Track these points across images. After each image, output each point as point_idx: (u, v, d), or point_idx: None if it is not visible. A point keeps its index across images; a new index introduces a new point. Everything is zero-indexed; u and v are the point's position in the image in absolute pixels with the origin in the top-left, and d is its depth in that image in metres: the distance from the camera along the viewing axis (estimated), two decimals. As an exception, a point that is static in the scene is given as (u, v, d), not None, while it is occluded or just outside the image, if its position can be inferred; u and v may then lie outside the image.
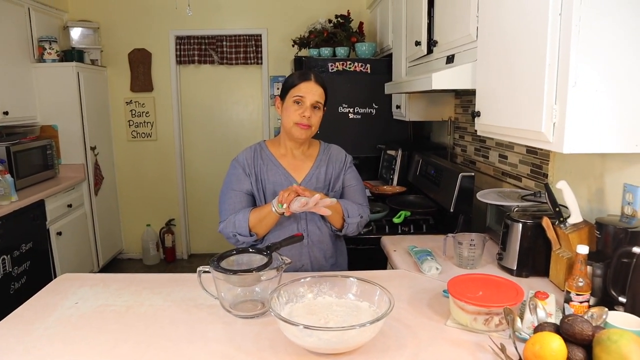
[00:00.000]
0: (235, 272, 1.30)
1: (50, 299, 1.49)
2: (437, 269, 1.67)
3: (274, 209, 1.59)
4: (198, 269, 1.40)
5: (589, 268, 1.31)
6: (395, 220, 2.30)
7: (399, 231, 2.26)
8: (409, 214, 2.37)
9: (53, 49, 3.86)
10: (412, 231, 2.27)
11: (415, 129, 3.59)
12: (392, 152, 3.18)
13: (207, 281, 1.40)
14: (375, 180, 3.37)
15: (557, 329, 1.07)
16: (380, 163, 3.44)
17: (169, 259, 4.75)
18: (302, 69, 3.39)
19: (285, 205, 1.54)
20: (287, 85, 1.73)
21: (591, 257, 1.32)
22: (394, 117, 3.36)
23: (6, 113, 3.41)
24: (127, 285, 1.58)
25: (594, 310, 1.15)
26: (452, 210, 2.19)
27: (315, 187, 1.76)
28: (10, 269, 3.03)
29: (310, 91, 1.68)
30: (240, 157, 1.79)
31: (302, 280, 1.32)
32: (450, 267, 1.74)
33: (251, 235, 1.67)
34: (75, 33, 4.22)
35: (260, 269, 1.30)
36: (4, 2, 3.43)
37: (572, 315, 1.08)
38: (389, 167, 3.19)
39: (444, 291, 1.47)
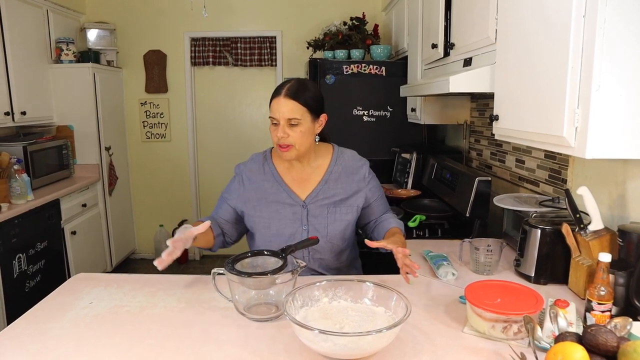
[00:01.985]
0: (250, 274, 1.29)
1: (64, 298, 1.49)
2: (453, 274, 1.64)
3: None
4: (212, 270, 1.40)
5: (611, 276, 1.28)
6: (410, 224, 2.28)
7: (414, 235, 2.23)
8: (424, 218, 2.34)
9: (70, 50, 3.91)
10: (427, 235, 2.24)
11: (429, 132, 3.57)
12: (407, 156, 3.16)
13: (221, 283, 1.39)
14: (390, 184, 3.35)
15: (580, 339, 1.04)
16: (395, 166, 3.41)
17: (181, 259, 4.77)
18: (316, 71, 3.38)
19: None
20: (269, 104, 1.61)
21: (613, 266, 1.29)
22: (409, 120, 3.33)
23: (24, 113, 3.45)
24: (141, 286, 1.58)
25: (618, 320, 1.11)
26: (468, 214, 2.16)
27: (322, 204, 1.66)
28: (26, 267, 3.06)
29: (279, 109, 1.54)
30: (242, 165, 1.74)
31: (318, 283, 1.30)
32: (466, 272, 1.71)
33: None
34: (92, 34, 4.26)
35: (275, 272, 1.29)
36: (23, 4, 3.48)
37: (596, 325, 1.05)
38: (404, 170, 3.16)
39: (461, 297, 1.45)
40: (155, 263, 1.35)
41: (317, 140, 1.68)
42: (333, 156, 1.74)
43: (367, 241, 1.50)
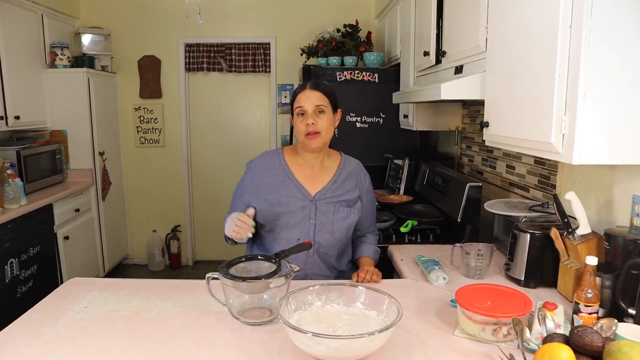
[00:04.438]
0: (244, 279, 1.31)
1: (59, 303, 1.50)
2: (445, 278, 1.66)
3: (229, 235, 1.62)
4: (207, 275, 1.41)
5: (597, 279, 1.31)
6: (402, 229, 2.31)
7: (406, 240, 2.25)
8: (416, 223, 2.37)
9: (64, 54, 3.91)
10: (419, 240, 2.26)
11: (422, 138, 3.60)
12: (399, 162, 3.18)
13: (215, 288, 1.41)
14: (382, 189, 3.38)
15: (567, 340, 1.06)
16: (387, 172, 3.44)
17: (175, 265, 4.77)
18: (309, 78, 3.41)
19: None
20: (292, 102, 1.76)
21: (600, 269, 1.31)
22: (401, 127, 3.36)
23: (17, 117, 3.45)
24: (136, 291, 1.59)
25: (604, 321, 1.14)
26: (459, 220, 2.19)
27: (329, 201, 1.74)
28: (18, 272, 3.05)
29: (308, 98, 1.69)
30: (253, 162, 1.81)
31: (311, 288, 1.32)
32: (457, 276, 1.73)
33: (228, 242, 1.73)
34: (87, 39, 4.27)
35: (269, 276, 1.31)
36: (18, 8, 3.49)
37: (582, 326, 1.08)
38: (396, 176, 3.19)
39: (452, 301, 1.47)
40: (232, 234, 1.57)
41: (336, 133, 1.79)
42: (342, 160, 1.84)
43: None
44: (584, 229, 1.48)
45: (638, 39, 1.18)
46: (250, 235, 1.57)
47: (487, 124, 1.72)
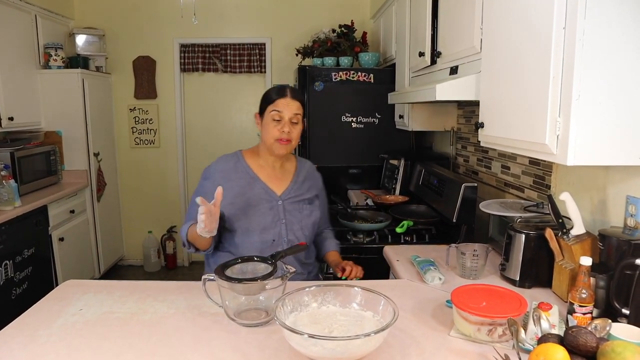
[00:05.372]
0: (240, 280, 1.31)
1: (54, 305, 1.49)
2: (440, 279, 1.67)
3: (199, 232, 1.52)
4: (203, 276, 1.41)
5: (592, 280, 1.31)
6: (398, 229, 2.31)
7: (402, 241, 2.26)
8: (411, 223, 2.37)
9: (59, 55, 3.89)
10: (414, 241, 2.27)
11: (417, 138, 3.61)
12: (395, 162, 3.19)
13: (211, 289, 1.41)
14: (378, 190, 3.38)
15: (561, 340, 1.07)
16: (383, 172, 3.45)
17: (170, 265, 4.75)
18: (305, 78, 3.41)
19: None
20: (265, 102, 1.75)
21: (594, 269, 1.32)
22: (397, 127, 3.37)
23: (11, 119, 3.43)
24: (131, 293, 1.58)
25: (598, 321, 1.15)
26: (454, 220, 2.20)
27: (294, 200, 1.80)
28: (12, 275, 3.03)
29: (287, 106, 1.71)
30: (212, 167, 1.78)
31: (307, 289, 1.32)
32: (453, 277, 1.74)
33: (189, 247, 1.68)
34: (81, 40, 4.25)
35: (265, 277, 1.31)
36: (11, 9, 3.47)
37: (576, 326, 1.08)
38: (392, 176, 3.20)
39: (447, 301, 1.48)
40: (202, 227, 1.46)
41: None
42: (298, 162, 1.91)
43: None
44: (578, 229, 1.49)
45: (632, 40, 1.19)
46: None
47: (482, 125, 1.73)
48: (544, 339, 1.10)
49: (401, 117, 3.19)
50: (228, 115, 4.70)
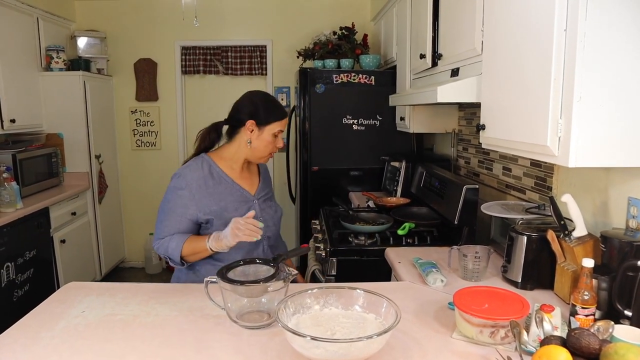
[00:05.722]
0: (242, 282, 1.31)
1: (56, 307, 1.50)
2: (442, 281, 1.67)
3: (208, 247, 1.61)
4: (205, 279, 1.41)
5: (594, 281, 1.31)
6: (400, 232, 2.31)
7: (403, 243, 2.26)
8: (413, 225, 2.37)
9: (60, 57, 3.91)
10: (416, 243, 2.27)
11: (418, 140, 3.61)
12: (396, 164, 3.19)
13: (213, 291, 1.41)
14: (379, 192, 3.38)
15: (564, 342, 1.07)
16: (384, 174, 3.45)
17: (171, 268, 4.71)
18: (306, 80, 3.42)
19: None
20: (271, 118, 1.73)
21: (596, 271, 1.32)
22: (398, 129, 3.37)
23: (13, 121, 3.44)
24: (134, 295, 1.58)
25: (600, 323, 1.15)
26: (456, 222, 2.20)
27: (264, 198, 1.86)
28: (14, 277, 3.03)
29: (285, 126, 1.81)
30: (187, 176, 1.71)
31: (309, 291, 1.32)
32: (454, 279, 1.74)
33: (182, 264, 1.70)
34: (82, 42, 4.26)
35: (267, 280, 1.31)
36: (13, 11, 3.48)
37: (579, 328, 1.08)
38: (393, 178, 3.20)
39: (450, 303, 1.48)
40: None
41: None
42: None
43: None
44: (580, 231, 1.49)
45: (633, 42, 1.19)
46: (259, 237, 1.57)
47: (483, 127, 1.73)
48: (546, 340, 1.10)
49: (402, 119, 3.19)
50: (229, 118, 4.70)
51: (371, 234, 2.29)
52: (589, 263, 1.27)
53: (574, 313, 1.28)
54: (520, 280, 1.65)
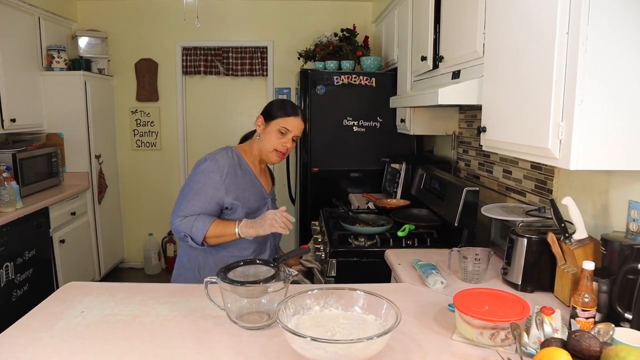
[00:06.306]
0: (242, 283, 1.31)
1: (55, 307, 1.49)
2: (442, 282, 1.67)
3: (237, 232, 1.68)
4: (205, 279, 1.41)
5: (594, 284, 1.31)
6: (400, 233, 2.31)
7: (403, 245, 2.26)
8: (413, 227, 2.37)
9: (61, 57, 3.91)
10: (416, 245, 2.27)
11: (418, 142, 3.62)
12: (396, 166, 3.19)
13: (213, 292, 1.41)
14: (379, 193, 3.39)
15: (564, 345, 1.07)
16: (384, 176, 3.45)
17: (171, 268, 4.70)
18: (307, 82, 3.42)
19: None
20: (277, 113, 1.81)
21: (597, 273, 1.32)
22: (398, 131, 3.38)
23: (13, 120, 3.44)
24: (133, 295, 1.58)
25: (601, 326, 1.15)
26: (456, 224, 2.20)
27: (274, 198, 1.97)
28: (13, 276, 3.03)
29: (296, 127, 1.81)
30: (220, 161, 1.78)
31: (310, 292, 1.32)
32: (454, 281, 1.74)
33: (202, 245, 1.73)
34: (83, 42, 4.27)
35: (267, 280, 1.31)
36: (14, 11, 3.48)
37: (580, 330, 1.08)
38: (393, 180, 3.20)
39: (450, 305, 1.48)
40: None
41: None
42: None
43: None
44: (580, 233, 1.49)
45: (635, 45, 1.19)
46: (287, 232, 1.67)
47: (484, 129, 1.73)
48: (547, 343, 1.10)
49: (403, 121, 3.19)
50: (229, 118, 4.71)
51: (371, 236, 2.29)
52: (589, 266, 1.27)
53: (574, 315, 1.28)
54: (520, 283, 1.65)
